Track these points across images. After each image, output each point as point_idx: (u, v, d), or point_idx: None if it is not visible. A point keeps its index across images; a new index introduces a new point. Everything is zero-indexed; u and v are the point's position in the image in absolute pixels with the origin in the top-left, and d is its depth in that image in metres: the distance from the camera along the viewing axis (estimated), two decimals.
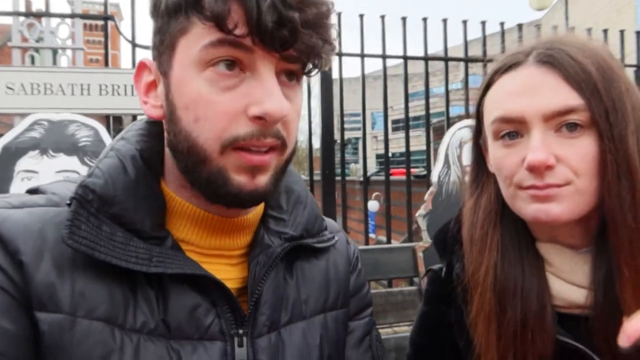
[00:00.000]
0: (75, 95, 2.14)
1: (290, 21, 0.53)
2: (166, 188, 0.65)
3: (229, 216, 0.65)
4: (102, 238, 0.55)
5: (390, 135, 3.10)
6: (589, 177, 0.66)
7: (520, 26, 3.13)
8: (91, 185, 0.58)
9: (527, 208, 0.69)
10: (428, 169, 3.10)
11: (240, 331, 0.62)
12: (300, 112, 0.64)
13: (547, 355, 0.68)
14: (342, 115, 2.94)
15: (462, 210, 0.82)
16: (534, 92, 0.67)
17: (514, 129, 0.70)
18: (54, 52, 2.43)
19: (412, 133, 3.10)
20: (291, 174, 0.77)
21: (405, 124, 3.06)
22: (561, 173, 0.66)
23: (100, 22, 2.41)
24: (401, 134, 3.36)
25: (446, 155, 2.30)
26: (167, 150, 0.64)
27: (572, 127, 0.66)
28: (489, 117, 0.74)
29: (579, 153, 0.65)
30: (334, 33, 0.59)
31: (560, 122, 0.66)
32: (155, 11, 0.59)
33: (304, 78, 0.63)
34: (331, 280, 0.75)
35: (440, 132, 4.97)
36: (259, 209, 0.70)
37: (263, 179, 0.59)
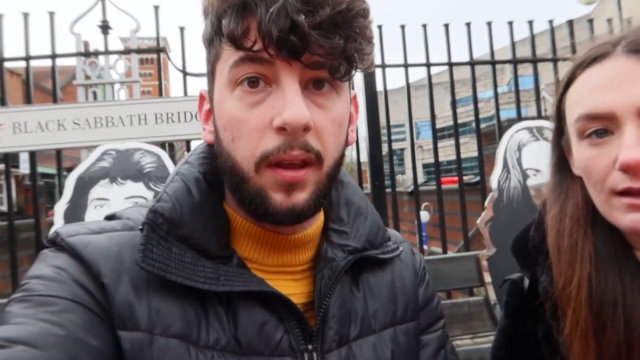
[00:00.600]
0: (133, 125, 2.26)
1: (297, 25, 0.52)
2: (228, 207, 0.67)
3: (286, 233, 0.65)
4: (172, 260, 0.58)
5: (433, 145, 3.05)
6: None
7: (570, 22, 3.02)
8: (160, 209, 0.61)
9: (623, 218, 0.62)
10: (481, 175, 3.02)
11: (310, 347, 0.62)
12: (341, 121, 0.62)
13: None
14: (388, 126, 2.92)
15: (546, 218, 0.76)
16: (626, 84, 0.61)
17: (603, 126, 0.64)
18: (112, 86, 2.59)
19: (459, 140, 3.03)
20: (350, 186, 0.77)
21: (454, 131, 3.01)
22: None
23: (150, 56, 2.54)
24: (446, 142, 3.29)
25: (504, 160, 2.23)
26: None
27: None
28: (572, 114, 0.68)
29: None
30: (365, 31, 0.56)
31: None
32: (203, 44, 0.64)
33: (347, 85, 0.62)
34: (398, 292, 0.74)
35: (489, 137, 4.84)
36: (319, 223, 0.70)
37: (301, 196, 0.58)
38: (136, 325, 0.55)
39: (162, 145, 2.45)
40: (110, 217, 0.68)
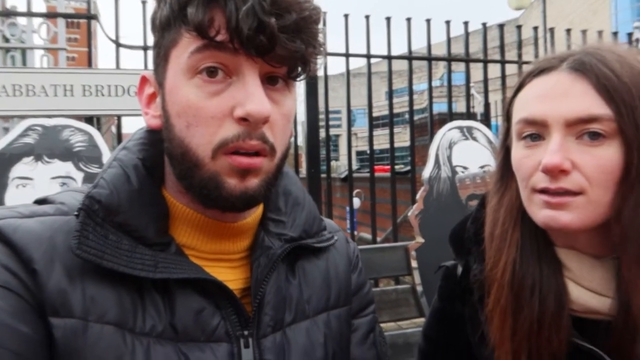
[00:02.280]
0: (58, 96, 2.10)
1: (267, 26, 0.54)
2: (168, 194, 0.66)
3: (228, 221, 0.66)
4: (108, 247, 0.57)
5: (368, 133, 3.13)
6: (604, 188, 0.66)
7: (501, 26, 3.20)
8: (97, 195, 0.60)
9: (539, 213, 0.70)
10: (412, 165, 3.15)
11: (246, 332, 0.63)
12: (289, 117, 0.65)
13: (560, 355, 0.69)
14: (327, 113, 2.95)
15: (486, 209, 0.83)
16: (561, 97, 0.68)
17: (536, 131, 0.71)
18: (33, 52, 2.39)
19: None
20: (288, 176, 0.79)
21: (389, 122, 3.10)
22: (575, 179, 0.66)
23: (76, 20, 2.37)
24: (380, 131, 3.38)
25: (436, 156, 2.36)
26: (166, 157, 0.66)
27: (594, 135, 0.65)
28: (515, 117, 0.75)
29: (596, 162, 0.65)
30: (320, 37, 0.61)
31: (582, 129, 0.66)
32: (153, 27, 0.63)
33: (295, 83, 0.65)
34: (332, 279, 0.77)
35: (420, 129, 5.03)
36: (258, 212, 0.72)
37: (254, 182, 0.61)
38: (69, 312, 0.54)
39: (88, 119, 2.31)
40: (41, 201, 0.65)
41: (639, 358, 0.65)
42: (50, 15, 2.30)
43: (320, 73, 2.89)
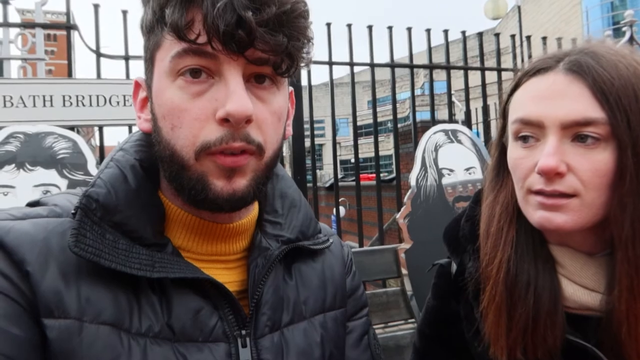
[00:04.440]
0: (37, 107, 2.06)
1: (245, 21, 0.53)
2: (163, 196, 0.67)
3: (222, 222, 0.67)
4: (106, 245, 0.57)
5: (353, 142, 3.13)
6: (598, 191, 0.66)
7: (480, 34, 3.26)
8: (94, 195, 0.60)
9: (534, 214, 0.70)
10: (397, 173, 3.17)
11: (243, 332, 0.64)
12: (280, 115, 0.64)
13: (555, 351, 0.70)
14: (311, 122, 2.95)
15: (480, 207, 0.83)
16: (557, 98, 0.67)
17: (532, 133, 0.70)
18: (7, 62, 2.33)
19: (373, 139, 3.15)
20: (284, 179, 0.80)
21: (374, 130, 3.12)
22: (570, 182, 0.66)
23: (52, 32, 2.32)
24: (363, 140, 3.38)
25: (423, 159, 2.38)
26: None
27: (590, 139, 0.65)
28: (511, 116, 0.74)
29: (591, 166, 0.65)
30: (306, 31, 0.59)
31: (577, 132, 0.66)
32: (141, 30, 0.63)
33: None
34: (327, 281, 0.78)
35: (403, 137, 5.08)
36: (254, 213, 0.72)
37: (241, 182, 0.60)
38: (64, 312, 0.54)
39: (69, 130, 2.26)
40: (33, 204, 0.65)
41: (628, 351, 0.65)
42: (28, 25, 2.25)
43: (304, 82, 2.92)
